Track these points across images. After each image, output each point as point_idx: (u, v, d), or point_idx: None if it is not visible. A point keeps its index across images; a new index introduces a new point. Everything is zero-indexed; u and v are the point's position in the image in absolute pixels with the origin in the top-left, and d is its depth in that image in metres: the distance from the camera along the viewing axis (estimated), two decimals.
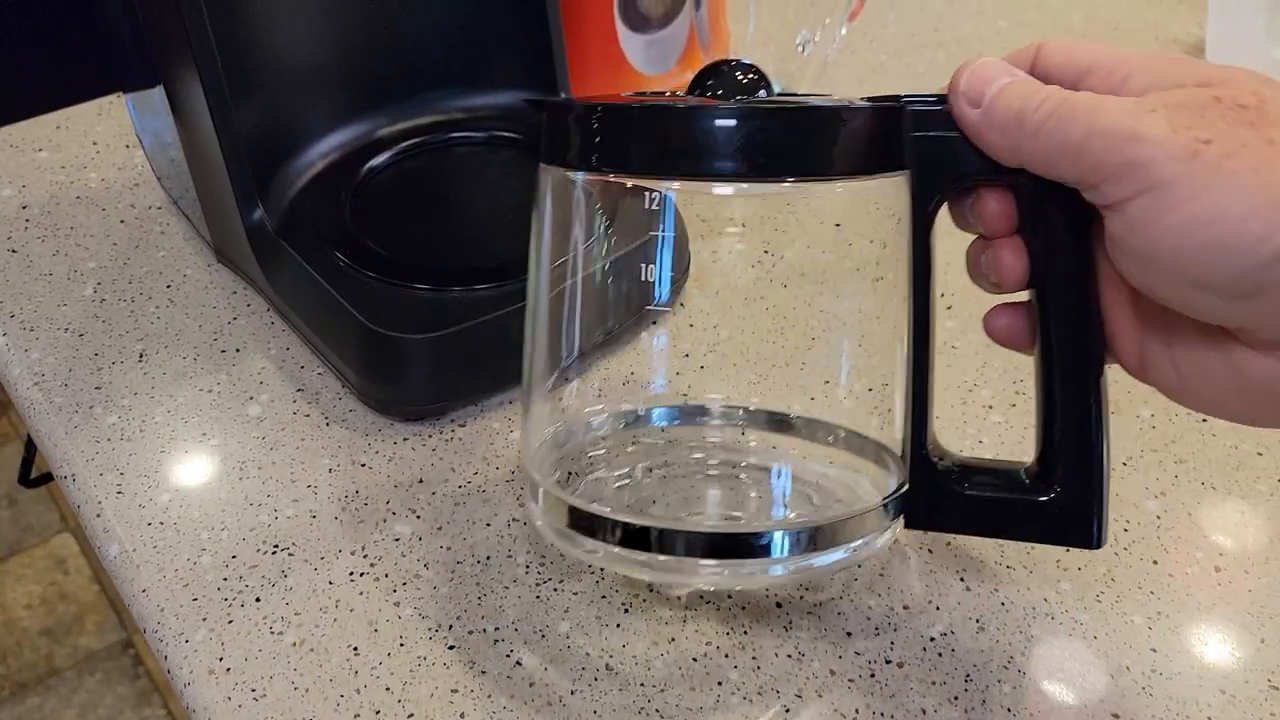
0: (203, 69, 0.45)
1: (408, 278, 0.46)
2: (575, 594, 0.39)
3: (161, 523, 0.41)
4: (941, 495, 0.35)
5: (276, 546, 0.40)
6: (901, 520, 0.36)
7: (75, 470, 0.43)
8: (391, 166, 0.51)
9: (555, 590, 0.39)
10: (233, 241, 0.50)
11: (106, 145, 0.61)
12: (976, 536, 0.37)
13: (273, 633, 0.37)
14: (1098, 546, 0.34)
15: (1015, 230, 0.33)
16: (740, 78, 0.35)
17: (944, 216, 0.35)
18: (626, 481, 0.39)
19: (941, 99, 0.32)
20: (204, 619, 0.38)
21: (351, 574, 0.39)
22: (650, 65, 0.64)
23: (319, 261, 0.46)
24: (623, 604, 0.38)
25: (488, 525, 0.41)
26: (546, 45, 0.55)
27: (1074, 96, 0.29)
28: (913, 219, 0.34)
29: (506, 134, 0.54)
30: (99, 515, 0.41)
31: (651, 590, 0.39)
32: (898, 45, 0.72)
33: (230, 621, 0.38)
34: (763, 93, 0.34)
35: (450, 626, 0.38)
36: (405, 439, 0.45)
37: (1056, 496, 0.34)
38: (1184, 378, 0.31)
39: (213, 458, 0.44)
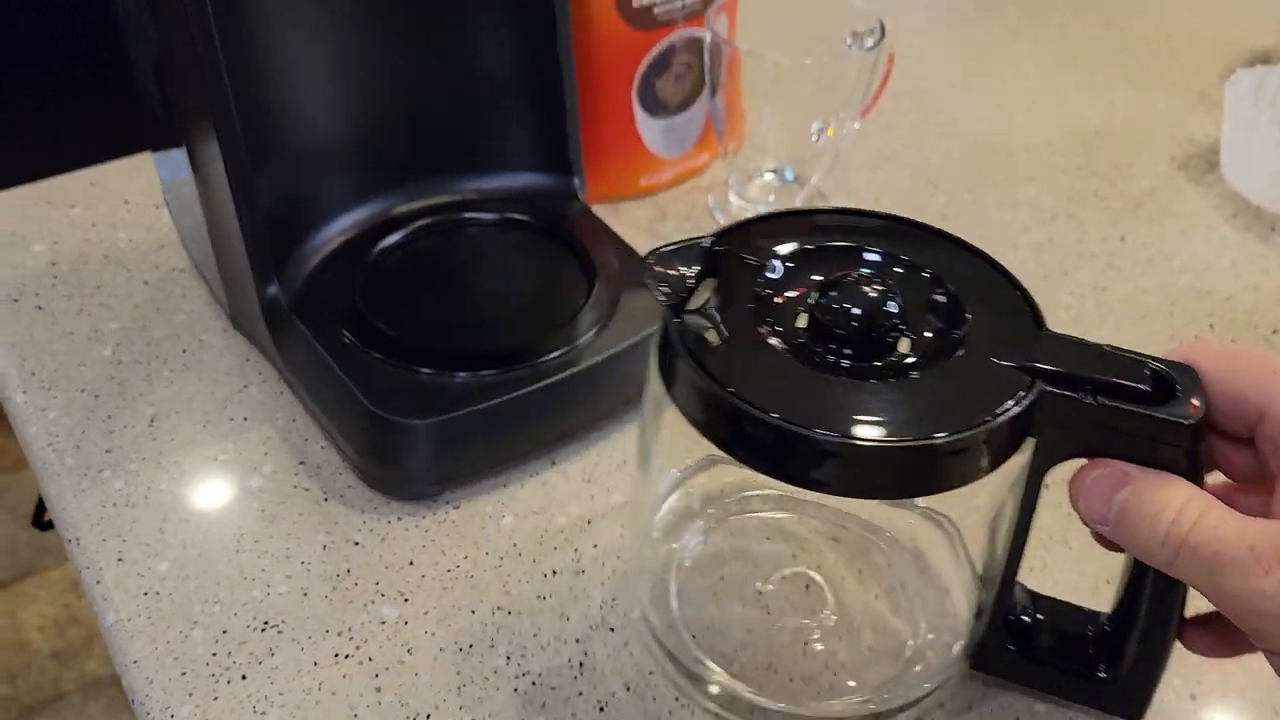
0: (223, 138, 0.46)
1: (413, 360, 0.47)
2: (553, 688, 0.39)
3: (158, 593, 0.42)
4: (1011, 652, 0.38)
5: (266, 623, 0.41)
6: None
7: (80, 534, 0.45)
8: (404, 245, 0.53)
9: (533, 684, 0.39)
10: (248, 312, 0.51)
11: (137, 204, 0.63)
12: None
13: (255, 712, 0.38)
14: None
15: None
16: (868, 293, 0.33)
17: None
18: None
19: (1082, 383, 0.31)
20: (190, 694, 0.39)
21: (337, 655, 0.40)
22: (668, 149, 0.66)
23: (328, 339, 0.48)
24: (599, 702, 0.39)
25: (472, 613, 0.42)
26: (562, 128, 0.56)
27: (1192, 542, 0.29)
28: (1029, 474, 0.33)
29: (518, 216, 0.55)
30: (99, 582, 0.43)
31: (629, 690, 0.39)
32: (913, 134, 0.73)
33: (215, 699, 0.39)
34: (891, 304, 0.33)
35: (428, 715, 0.39)
36: (400, 518, 0.46)
37: (1120, 682, 0.37)
38: None
39: (212, 529, 0.45)
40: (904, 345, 0.33)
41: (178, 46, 0.46)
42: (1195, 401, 0.31)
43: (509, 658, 0.40)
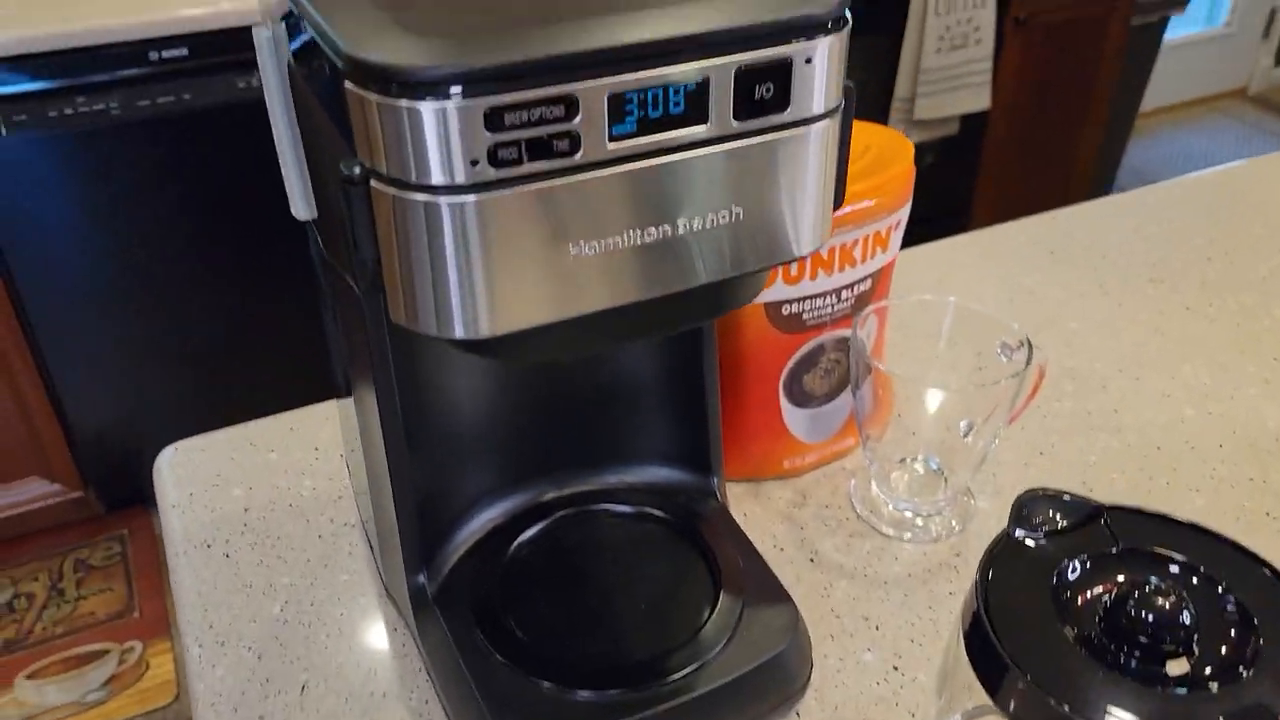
0: (388, 435, 0.50)
1: (538, 671, 0.49)
2: None
3: None
4: None
5: None
6: None
7: None
8: (543, 536, 0.57)
9: None
10: (397, 588, 0.56)
11: (325, 452, 0.70)
12: None
13: None
14: None
15: None
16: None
17: None
18: None
19: None
20: None
21: None
22: (812, 434, 0.67)
23: (463, 636, 0.51)
24: None
25: None
26: (704, 430, 0.59)
27: None
28: None
29: (654, 510, 0.58)
30: None
31: None
32: (1071, 425, 0.72)
33: None
34: (1186, 616, 0.36)
35: None
36: None
37: None
38: None
39: None
40: (1184, 662, 0.36)
41: (357, 351, 0.52)
42: None
43: None
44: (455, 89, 0.32)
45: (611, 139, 0.35)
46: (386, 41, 0.33)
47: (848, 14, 0.38)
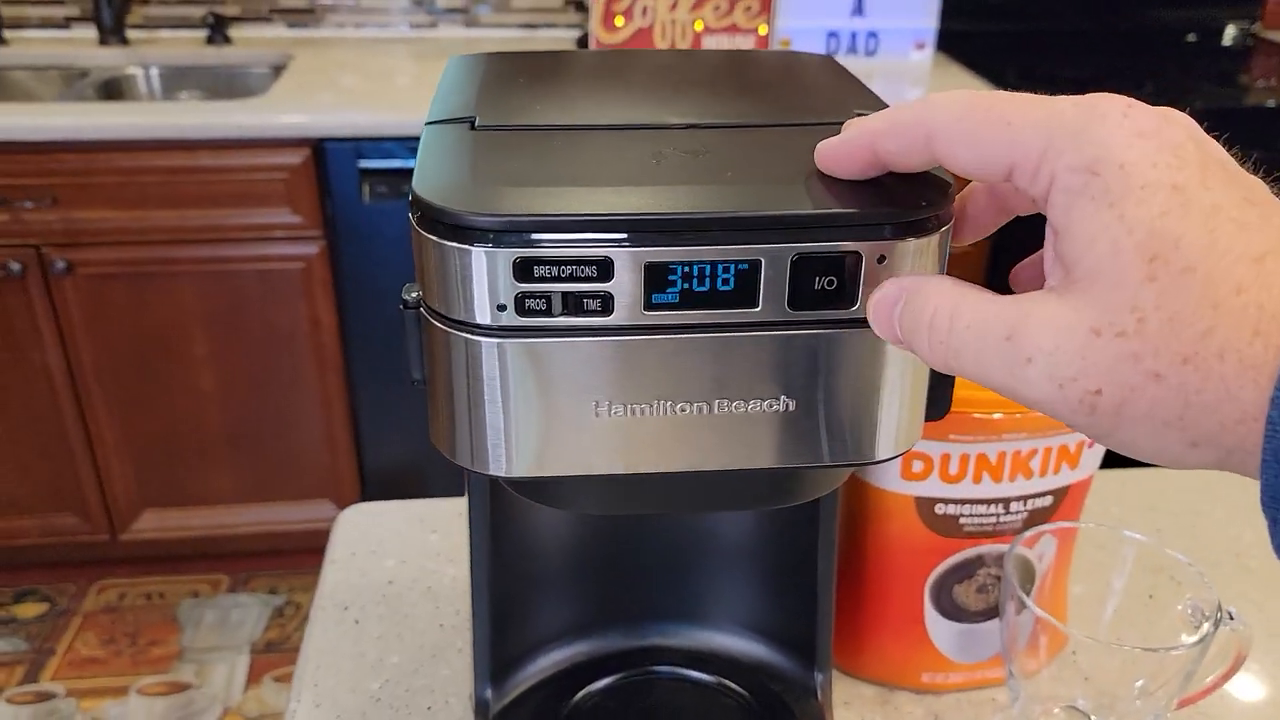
0: (475, 524, 0.50)
1: None
2: None
3: None
4: None
5: None
6: None
7: None
8: (614, 690, 0.54)
9: None
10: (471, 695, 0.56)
11: None
12: None
13: None
14: None
15: None
16: None
17: None
18: None
19: None
20: None
21: None
22: (960, 653, 0.60)
23: None
24: None
25: None
26: (813, 612, 0.55)
27: (955, 347, 0.29)
28: None
29: (735, 687, 0.54)
30: None
31: None
32: None
33: None
34: None
35: None
36: None
37: None
38: None
39: None
40: None
41: None
42: None
43: None
44: (486, 235, 0.33)
45: (650, 306, 0.34)
46: (448, 183, 0.34)
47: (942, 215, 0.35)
